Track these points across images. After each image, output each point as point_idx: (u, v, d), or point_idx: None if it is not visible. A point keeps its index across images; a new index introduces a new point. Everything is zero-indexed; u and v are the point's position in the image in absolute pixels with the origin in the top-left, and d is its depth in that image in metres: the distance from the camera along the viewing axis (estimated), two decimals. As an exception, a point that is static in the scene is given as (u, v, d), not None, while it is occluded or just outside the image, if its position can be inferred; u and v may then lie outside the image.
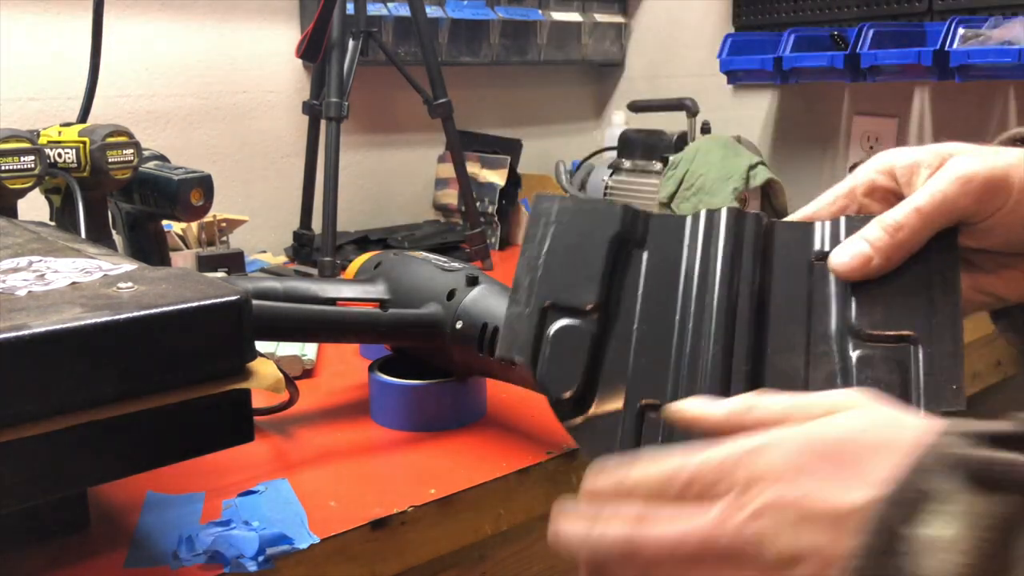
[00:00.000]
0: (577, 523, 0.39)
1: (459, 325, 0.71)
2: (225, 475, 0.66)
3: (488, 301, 0.70)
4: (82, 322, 0.43)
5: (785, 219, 0.53)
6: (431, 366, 0.76)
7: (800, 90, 1.64)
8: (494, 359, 0.65)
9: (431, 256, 0.80)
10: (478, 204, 1.53)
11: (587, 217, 0.53)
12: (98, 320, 0.43)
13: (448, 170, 1.52)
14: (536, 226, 0.54)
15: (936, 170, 0.49)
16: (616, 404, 0.48)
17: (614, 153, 1.66)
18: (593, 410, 0.48)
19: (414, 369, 0.76)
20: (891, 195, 0.52)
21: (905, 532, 0.32)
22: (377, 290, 0.78)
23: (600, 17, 1.90)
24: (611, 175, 1.64)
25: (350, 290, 0.78)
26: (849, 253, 0.48)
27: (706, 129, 1.58)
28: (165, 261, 1.03)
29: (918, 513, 0.32)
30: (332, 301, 0.76)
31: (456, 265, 0.77)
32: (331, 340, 0.88)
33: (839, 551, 0.33)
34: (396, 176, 1.72)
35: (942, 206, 0.47)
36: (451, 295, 0.72)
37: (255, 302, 0.52)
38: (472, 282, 0.72)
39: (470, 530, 0.65)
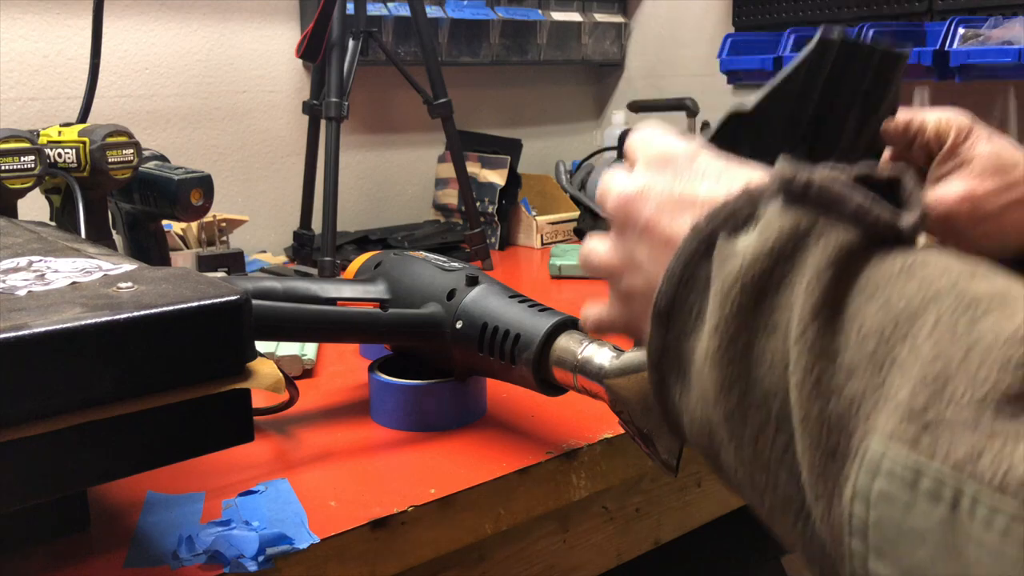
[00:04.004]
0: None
1: (459, 325, 0.71)
2: (225, 475, 0.66)
3: (488, 301, 0.70)
4: (82, 322, 0.43)
5: None
6: (431, 366, 0.76)
7: (800, 90, 1.63)
8: None
9: (431, 256, 0.80)
10: (478, 204, 1.53)
11: None
12: (98, 320, 0.43)
13: (448, 170, 1.52)
14: None
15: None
16: None
17: (614, 153, 1.66)
18: None
19: (414, 369, 0.76)
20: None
21: (721, 241, 0.34)
22: (377, 290, 0.78)
23: (600, 17, 1.90)
24: (611, 175, 1.64)
25: (350, 290, 0.78)
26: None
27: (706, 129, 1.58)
28: (165, 261, 1.03)
29: (740, 226, 0.34)
30: (332, 301, 0.76)
31: (456, 265, 0.77)
32: (331, 340, 0.89)
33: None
34: (396, 176, 1.72)
35: None
36: (451, 295, 0.72)
37: (255, 302, 0.52)
38: (472, 282, 0.72)
39: (470, 530, 0.65)
